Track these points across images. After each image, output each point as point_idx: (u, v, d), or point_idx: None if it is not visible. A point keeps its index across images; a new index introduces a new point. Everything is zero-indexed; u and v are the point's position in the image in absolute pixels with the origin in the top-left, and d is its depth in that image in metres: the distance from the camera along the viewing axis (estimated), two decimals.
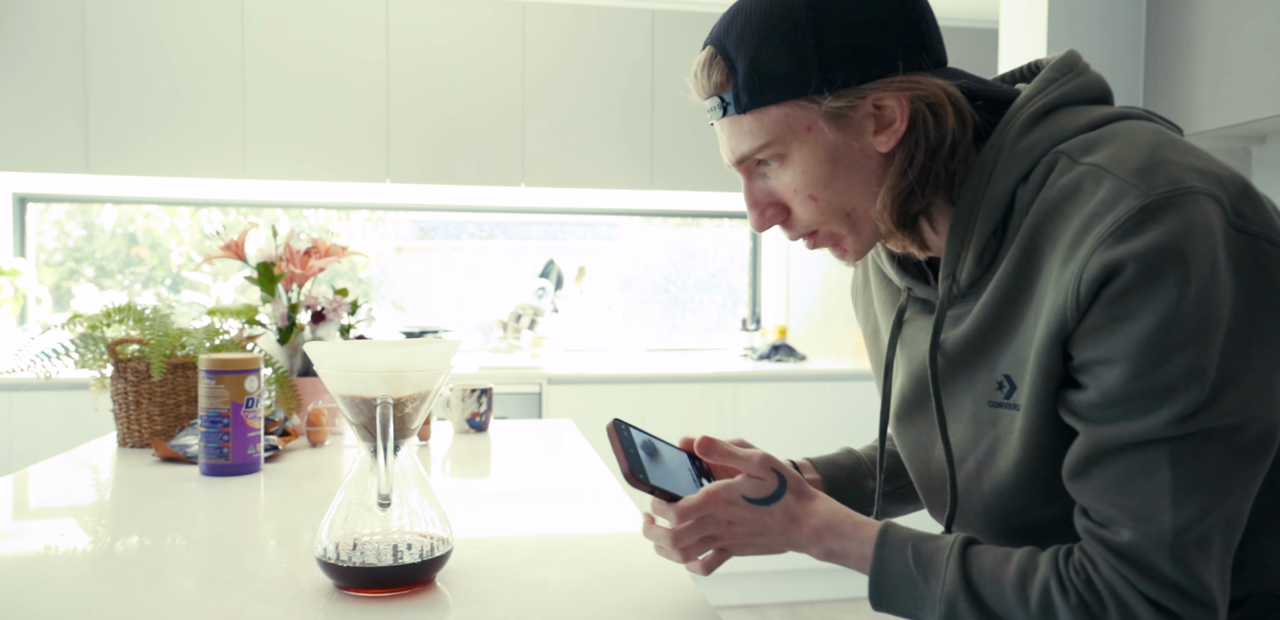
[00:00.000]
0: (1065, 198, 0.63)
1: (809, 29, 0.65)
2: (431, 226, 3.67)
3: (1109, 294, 0.59)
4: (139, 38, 2.94)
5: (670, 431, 3.03)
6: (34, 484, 1.16)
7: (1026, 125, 0.67)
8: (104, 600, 0.73)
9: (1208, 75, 2.18)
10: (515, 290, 3.23)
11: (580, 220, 3.75)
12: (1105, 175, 0.61)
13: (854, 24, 0.66)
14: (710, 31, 0.72)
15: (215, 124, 2.98)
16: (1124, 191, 0.60)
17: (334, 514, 0.74)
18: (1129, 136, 0.64)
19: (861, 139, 0.68)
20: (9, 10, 2.86)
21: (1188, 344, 0.58)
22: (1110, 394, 0.61)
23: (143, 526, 0.95)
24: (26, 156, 2.88)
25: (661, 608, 0.72)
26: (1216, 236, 0.59)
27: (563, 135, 3.20)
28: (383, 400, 0.73)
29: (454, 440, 1.51)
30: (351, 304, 1.61)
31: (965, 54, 3.51)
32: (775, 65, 0.66)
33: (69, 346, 1.38)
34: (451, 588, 0.76)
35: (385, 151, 3.10)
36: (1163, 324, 0.58)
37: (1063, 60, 0.71)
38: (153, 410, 1.39)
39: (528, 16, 3.17)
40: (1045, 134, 0.66)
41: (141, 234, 3.43)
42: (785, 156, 0.70)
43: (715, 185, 3.30)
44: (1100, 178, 0.61)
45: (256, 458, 1.23)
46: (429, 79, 3.11)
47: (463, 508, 1.04)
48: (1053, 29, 2.33)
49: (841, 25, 0.65)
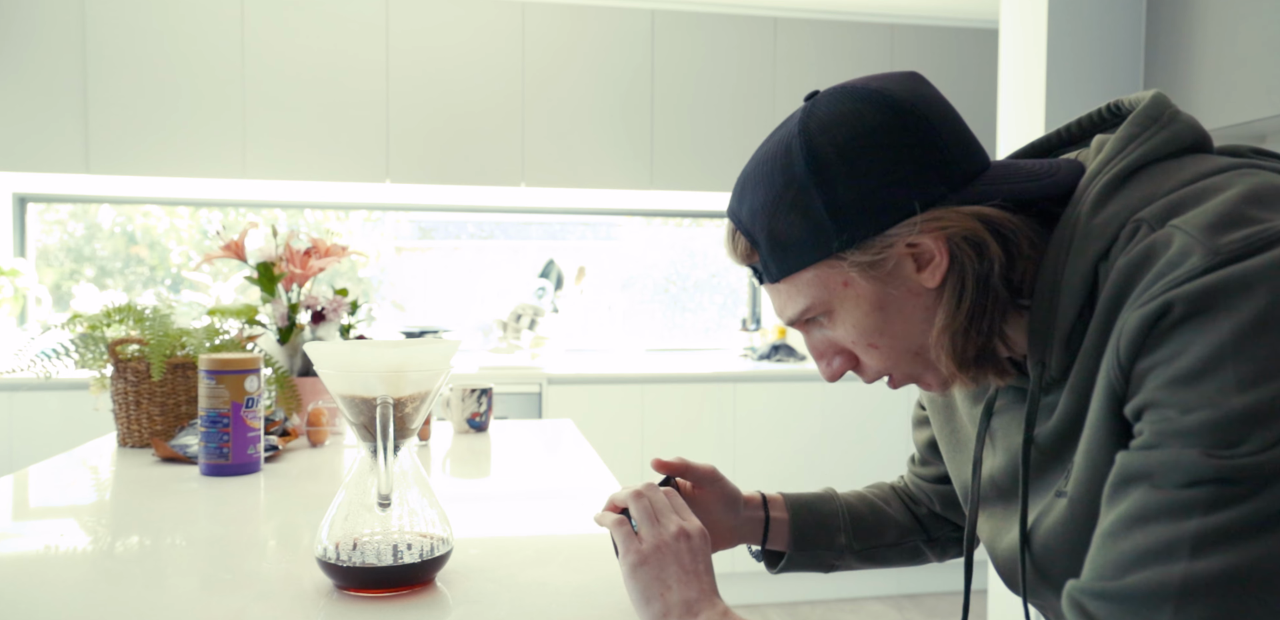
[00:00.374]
0: (1136, 266, 0.56)
1: (815, 191, 0.63)
2: (431, 226, 3.67)
3: (1151, 339, 0.53)
4: (139, 38, 2.94)
5: (670, 431, 3.03)
6: (34, 484, 1.16)
7: (1103, 195, 0.61)
8: (104, 600, 0.73)
9: (1208, 75, 2.18)
10: (515, 290, 3.23)
11: (580, 220, 3.75)
12: (1178, 233, 0.54)
13: (858, 175, 0.62)
14: (728, 203, 0.70)
15: (215, 124, 2.98)
16: (1190, 249, 0.53)
17: (334, 514, 0.74)
18: (1218, 190, 0.57)
19: (904, 280, 0.64)
20: (9, 10, 2.86)
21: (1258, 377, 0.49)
22: (1156, 431, 0.52)
23: (143, 526, 0.95)
24: (26, 156, 2.88)
25: None
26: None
27: (563, 135, 3.20)
28: (383, 400, 0.73)
29: (454, 440, 1.51)
30: (351, 304, 1.61)
31: (965, 54, 3.52)
32: (792, 233, 0.64)
33: (69, 346, 1.38)
34: (451, 588, 0.76)
35: (385, 151, 3.10)
36: (1214, 356, 0.50)
37: (1145, 111, 0.63)
38: (153, 410, 1.39)
39: (528, 16, 3.17)
40: (1125, 204, 0.59)
41: (141, 234, 3.43)
42: (832, 313, 0.67)
43: (715, 185, 3.30)
44: (1172, 238, 0.54)
45: (256, 458, 1.23)
46: (429, 79, 3.11)
47: (463, 508, 1.04)
48: (1053, 29, 2.34)
49: (845, 179, 0.62)
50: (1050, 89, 2.35)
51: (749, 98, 3.34)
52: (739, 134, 3.34)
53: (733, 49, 3.33)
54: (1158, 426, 0.52)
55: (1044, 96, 2.35)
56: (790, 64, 3.38)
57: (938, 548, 0.93)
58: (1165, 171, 0.60)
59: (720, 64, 3.32)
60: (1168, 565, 0.49)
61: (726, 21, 3.32)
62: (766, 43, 3.36)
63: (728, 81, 3.33)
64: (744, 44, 3.34)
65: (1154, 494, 0.51)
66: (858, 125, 0.62)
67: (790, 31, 3.38)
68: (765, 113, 3.35)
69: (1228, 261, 0.51)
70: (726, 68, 3.33)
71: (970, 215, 0.61)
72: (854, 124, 0.62)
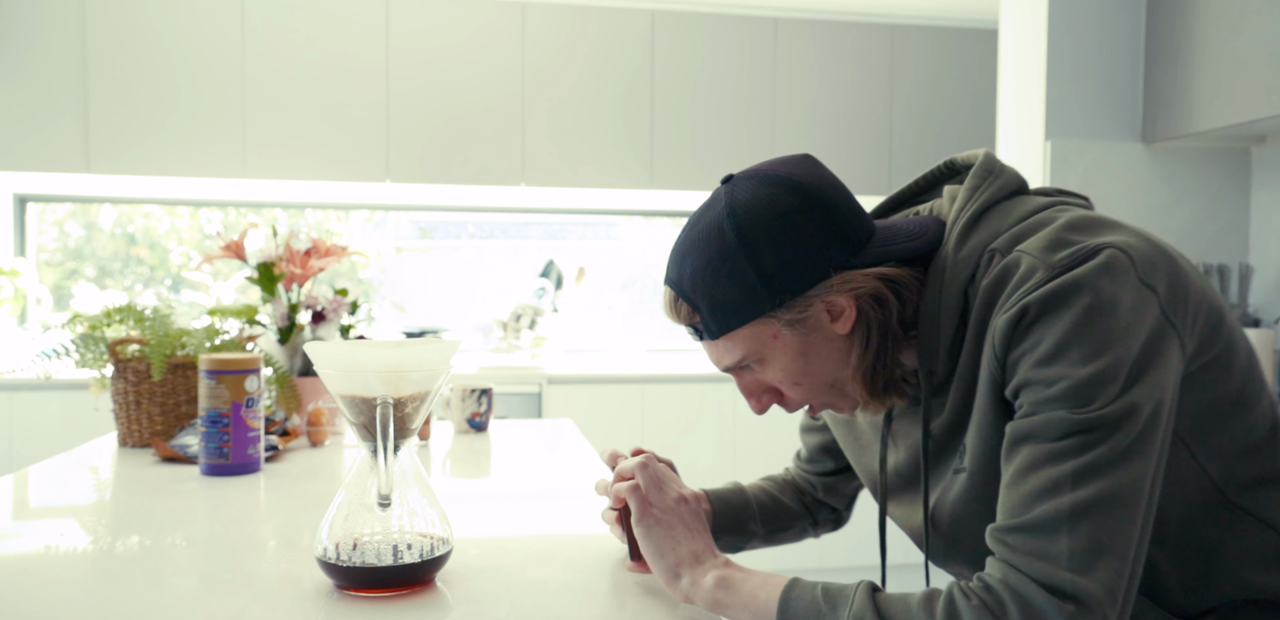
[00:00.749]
0: (996, 284, 0.73)
1: (745, 260, 0.75)
2: (431, 226, 3.67)
3: (1017, 335, 0.69)
4: (139, 38, 2.94)
5: (670, 431, 3.03)
6: (34, 484, 1.16)
7: (963, 234, 0.78)
8: (104, 600, 0.73)
9: (1208, 75, 2.18)
10: (515, 290, 3.23)
11: (580, 220, 3.75)
12: (1024, 257, 0.72)
13: (780, 248, 0.75)
14: (666, 271, 0.82)
15: (215, 124, 2.98)
16: (1035, 267, 0.70)
17: (334, 514, 0.74)
18: (1046, 223, 0.75)
19: (821, 330, 0.78)
20: (9, 10, 2.86)
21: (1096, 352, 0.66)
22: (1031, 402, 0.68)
23: (143, 526, 0.95)
24: (26, 156, 2.88)
25: (662, 608, 0.72)
26: (1122, 277, 0.68)
27: (563, 135, 3.20)
28: (383, 400, 0.73)
29: (454, 440, 1.51)
30: (351, 304, 1.61)
31: (965, 54, 3.51)
32: (729, 298, 0.76)
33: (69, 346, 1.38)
34: (451, 588, 0.76)
35: (385, 151, 3.10)
36: (1063, 340, 0.67)
37: (982, 165, 0.82)
38: (153, 410, 1.39)
39: (528, 16, 3.17)
40: (980, 239, 0.77)
41: (141, 234, 3.43)
42: (764, 361, 0.80)
43: (715, 185, 3.30)
44: (1020, 260, 0.72)
45: (256, 458, 1.23)
46: (429, 79, 3.11)
47: (463, 508, 1.04)
48: (1053, 29, 2.33)
49: (771, 248, 0.75)
50: (1050, 89, 2.35)
51: (749, 98, 3.34)
52: (739, 134, 3.34)
53: (733, 49, 3.33)
54: (1032, 398, 0.68)
55: (1044, 96, 2.35)
56: (790, 64, 3.38)
57: (819, 528, 1.11)
58: (1003, 212, 0.79)
59: (720, 64, 3.32)
60: (1057, 498, 0.65)
61: (726, 21, 3.32)
62: (766, 43, 3.36)
63: (728, 81, 3.33)
64: (744, 44, 3.34)
65: (1038, 448, 0.67)
66: (775, 207, 0.76)
67: (790, 31, 3.38)
68: (765, 113, 3.35)
69: (1061, 272, 0.69)
70: (726, 68, 3.33)
71: (872, 276, 0.77)
72: (771, 206, 0.76)
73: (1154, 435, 0.67)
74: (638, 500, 0.79)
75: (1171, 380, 0.69)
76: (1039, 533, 0.64)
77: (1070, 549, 0.63)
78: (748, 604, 0.71)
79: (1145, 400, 0.66)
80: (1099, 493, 0.64)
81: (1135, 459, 0.65)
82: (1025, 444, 0.68)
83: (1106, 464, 0.65)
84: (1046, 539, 0.64)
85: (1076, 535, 0.63)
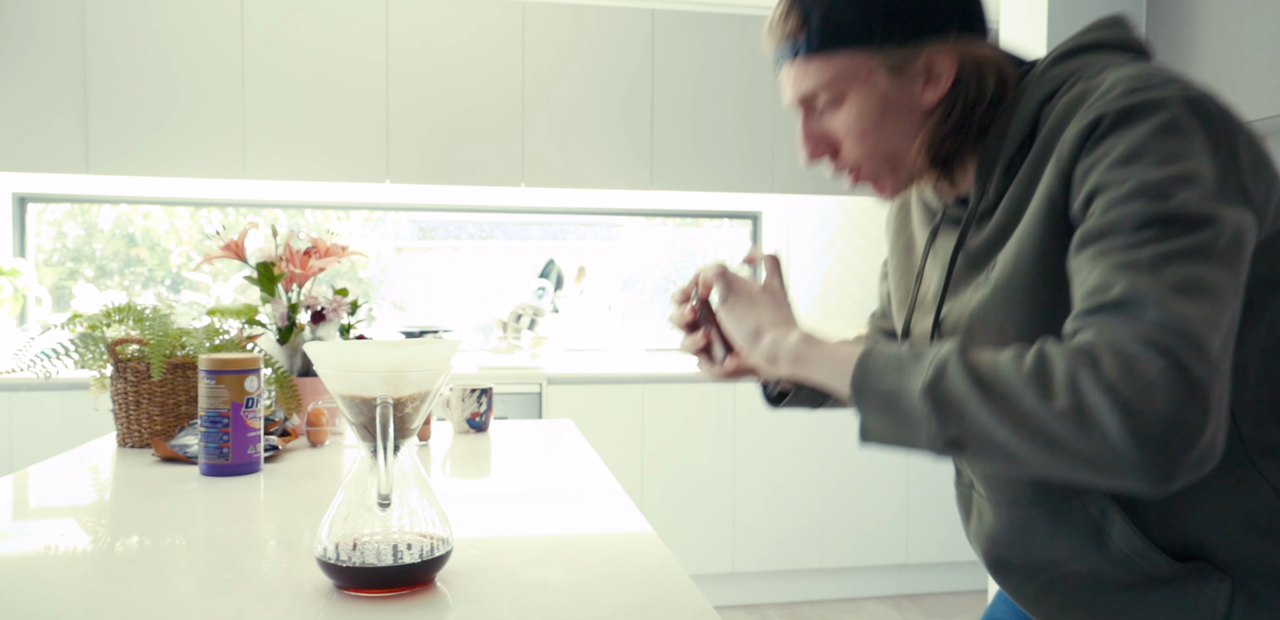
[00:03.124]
0: (1074, 102, 0.70)
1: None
2: (431, 226, 3.67)
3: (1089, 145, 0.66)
4: (139, 38, 2.94)
5: (670, 431, 3.03)
6: (34, 484, 1.16)
7: (1057, 59, 0.76)
8: (104, 600, 0.73)
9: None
10: (515, 290, 3.23)
11: (580, 220, 3.75)
12: (1110, 74, 0.69)
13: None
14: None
15: (215, 124, 2.98)
16: (1117, 82, 0.67)
17: (334, 514, 0.74)
18: (1138, 65, 0.70)
19: (911, 91, 0.77)
20: (9, 10, 2.86)
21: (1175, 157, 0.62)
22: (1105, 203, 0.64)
23: (143, 526, 0.95)
24: (26, 156, 2.88)
25: (661, 608, 0.72)
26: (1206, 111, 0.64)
27: (563, 135, 3.20)
28: (383, 400, 0.73)
29: (454, 440, 1.51)
30: (351, 304, 1.61)
31: None
32: (846, 16, 0.75)
33: (69, 346, 1.38)
34: (451, 588, 0.76)
35: (385, 151, 3.10)
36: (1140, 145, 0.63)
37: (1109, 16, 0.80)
38: (153, 410, 1.39)
39: (528, 16, 3.17)
40: (1071, 67, 0.75)
41: (141, 234, 3.43)
42: (842, 99, 0.78)
43: (715, 185, 3.30)
44: (1105, 79, 0.69)
45: (256, 458, 1.23)
46: (429, 79, 3.11)
47: (463, 508, 1.04)
48: (1053, 29, 2.34)
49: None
50: None
51: (749, 98, 3.34)
52: (739, 134, 3.34)
53: (733, 49, 3.33)
54: (1107, 198, 0.64)
55: None
56: None
57: None
58: (1105, 55, 0.76)
59: (720, 64, 3.32)
60: (1136, 278, 0.60)
61: (726, 21, 3.32)
62: None
63: (728, 81, 3.33)
64: (744, 44, 3.34)
65: (1114, 239, 0.62)
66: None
67: None
68: (765, 113, 3.35)
69: (1145, 90, 0.65)
70: (726, 68, 3.33)
71: (990, 49, 0.76)
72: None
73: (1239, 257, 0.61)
74: (725, 281, 0.81)
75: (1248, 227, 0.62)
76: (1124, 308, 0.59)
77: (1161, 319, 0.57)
78: (831, 356, 0.71)
79: (1228, 216, 0.61)
80: (1183, 277, 0.58)
81: (1218, 264, 0.59)
82: (1100, 240, 0.63)
83: (1182, 256, 0.59)
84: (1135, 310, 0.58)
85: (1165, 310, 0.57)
